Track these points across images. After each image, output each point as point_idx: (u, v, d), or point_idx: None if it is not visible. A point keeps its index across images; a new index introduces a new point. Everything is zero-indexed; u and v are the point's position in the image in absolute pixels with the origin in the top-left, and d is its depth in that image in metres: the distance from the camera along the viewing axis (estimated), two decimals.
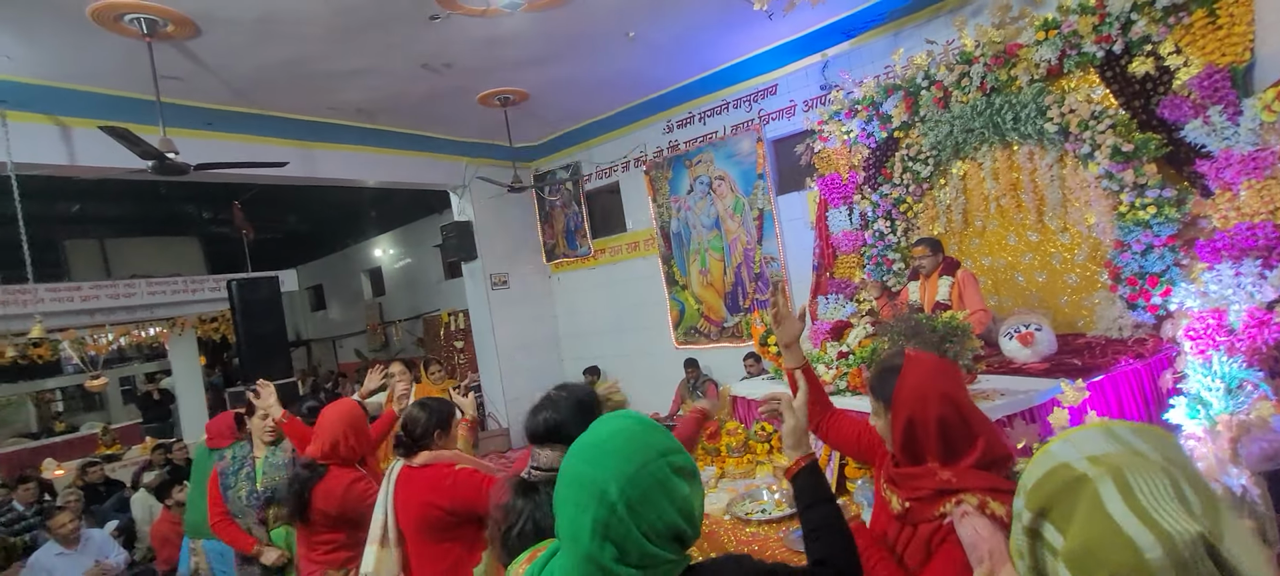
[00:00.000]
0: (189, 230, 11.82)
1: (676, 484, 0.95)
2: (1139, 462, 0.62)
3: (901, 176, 4.61)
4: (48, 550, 4.46)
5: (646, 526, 0.91)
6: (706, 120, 6.36)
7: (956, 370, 1.49)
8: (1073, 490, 0.62)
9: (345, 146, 6.02)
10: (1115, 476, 0.60)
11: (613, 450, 0.95)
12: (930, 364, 1.42)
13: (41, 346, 9.91)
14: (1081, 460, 0.64)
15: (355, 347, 13.70)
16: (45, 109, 4.35)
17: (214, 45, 4.02)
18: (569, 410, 1.55)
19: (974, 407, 1.39)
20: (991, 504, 1.26)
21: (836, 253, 5.11)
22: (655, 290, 7.01)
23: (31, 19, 3.47)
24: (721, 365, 6.41)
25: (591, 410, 1.58)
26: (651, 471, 0.94)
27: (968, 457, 1.32)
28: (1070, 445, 0.66)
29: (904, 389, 1.37)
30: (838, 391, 2.93)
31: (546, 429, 1.56)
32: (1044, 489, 0.65)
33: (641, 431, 0.98)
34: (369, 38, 4.24)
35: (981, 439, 1.33)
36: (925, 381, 1.36)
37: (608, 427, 1.00)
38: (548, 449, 1.57)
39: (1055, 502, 0.63)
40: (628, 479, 0.92)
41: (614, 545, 0.90)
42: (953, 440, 1.33)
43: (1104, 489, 0.60)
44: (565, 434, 1.51)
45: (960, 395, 1.37)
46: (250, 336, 6.39)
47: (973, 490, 1.28)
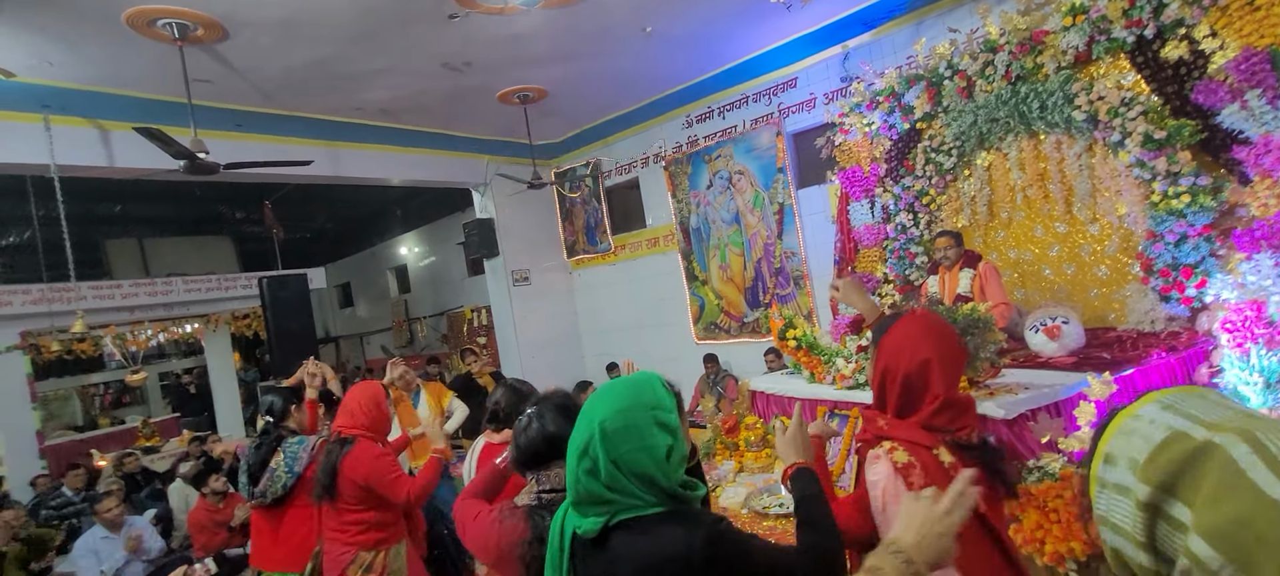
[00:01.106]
0: (222, 230, 12.16)
1: (654, 434, 1.08)
2: (1259, 423, 0.56)
3: (924, 168, 4.53)
4: (93, 533, 4.68)
5: (617, 455, 1.06)
6: (726, 115, 6.33)
7: (948, 337, 1.47)
8: (1200, 460, 0.56)
9: (369, 146, 6.13)
10: (1248, 439, 0.54)
11: (613, 395, 1.13)
12: (922, 324, 1.47)
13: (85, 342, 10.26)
14: (1197, 427, 0.58)
15: (381, 344, 13.94)
16: (85, 112, 4.51)
17: (241, 48, 4.12)
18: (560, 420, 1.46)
19: (944, 375, 1.40)
20: (897, 452, 1.37)
21: (858, 246, 5.05)
22: (675, 286, 7.00)
23: (71, 26, 3.60)
24: (741, 360, 6.39)
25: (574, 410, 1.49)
26: (634, 416, 1.09)
27: (914, 416, 1.41)
28: (1174, 413, 0.60)
29: (888, 339, 1.46)
30: (858, 385, 2.90)
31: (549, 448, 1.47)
32: (1161, 462, 0.57)
33: (641, 385, 1.14)
34: (390, 38, 4.31)
35: (931, 404, 1.39)
36: (907, 338, 1.43)
37: (621, 380, 1.17)
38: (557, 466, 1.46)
39: (1181, 476, 0.56)
40: (614, 413, 1.09)
41: (590, 460, 1.07)
42: (910, 399, 1.41)
43: (1239, 454, 0.54)
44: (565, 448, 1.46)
45: (935, 361, 1.40)
46: (280, 332, 6.55)
47: (897, 439, 1.38)
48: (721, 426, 3.34)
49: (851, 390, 2.89)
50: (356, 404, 2.58)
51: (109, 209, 9.41)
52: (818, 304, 5.82)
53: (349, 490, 2.47)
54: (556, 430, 1.45)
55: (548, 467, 1.47)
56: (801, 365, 3.30)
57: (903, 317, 1.49)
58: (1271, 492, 0.51)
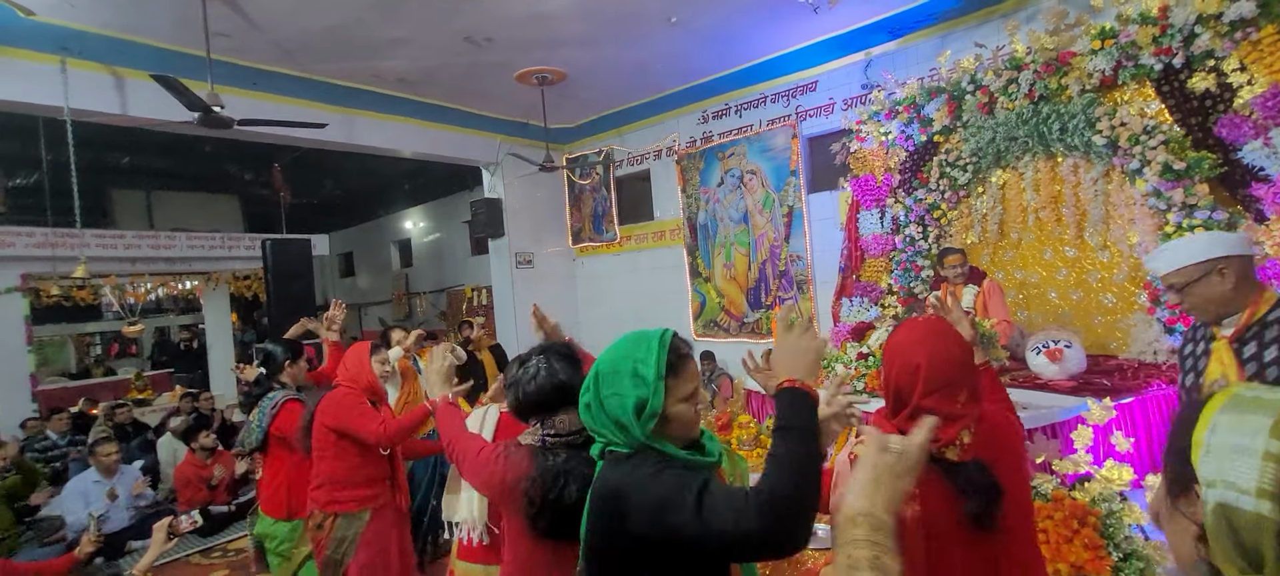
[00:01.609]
0: (230, 188, 12.13)
1: (626, 382, 1.16)
2: None
3: (938, 182, 4.52)
4: (85, 476, 4.70)
5: (601, 396, 1.18)
6: (742, 113, 6.31)
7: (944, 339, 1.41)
8: None
9: (384, 115, 6.11)
10: None
11: (619, 343, 1.24)
12: (919, 331, 1.46)
13: (84, 289, 10.26)
14: None
15: (380, 316, 13.94)
16: (103, 58, 4.49)
17: (264, 4, 4.10)
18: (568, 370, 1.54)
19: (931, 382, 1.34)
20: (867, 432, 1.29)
21: (865, 255, 5.04)
22: (678, 280, 6.99)
23: None
24: (738, 359, 6.37)
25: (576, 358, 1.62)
26: (619, 364, 1.19)
27: (896, 418, 1.41)
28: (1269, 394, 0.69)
29: (889, 343, 1.49)
30: (856, 391, 2.89)
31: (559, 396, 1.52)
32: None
33: (638, 339, 1.22)
34: (413, 6, 4.28)
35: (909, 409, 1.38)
36: (902, 344, 1.44)
37: (635, 331, 1.25)
38: (563, 414, 1.53)
39: None
40: (608, 358, 1.22)
41: (588, 395, 1.21)
42: (896, 399, 1.42)
43: None
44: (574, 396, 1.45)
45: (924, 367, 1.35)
46: (280, 295, 6.55)
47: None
48: (714, 423, 3.33)
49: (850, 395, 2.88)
50: (344, 358, 2.61)
51: (118, 158, 9.38)
52: (820, 310, 5.82)
53: (320, 437, 2.44)
54: (566, 378, 1.52)
55: (554, 414, 1.53)
56: None
57: (902, 323, 1.51)
58: None
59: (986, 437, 1.38)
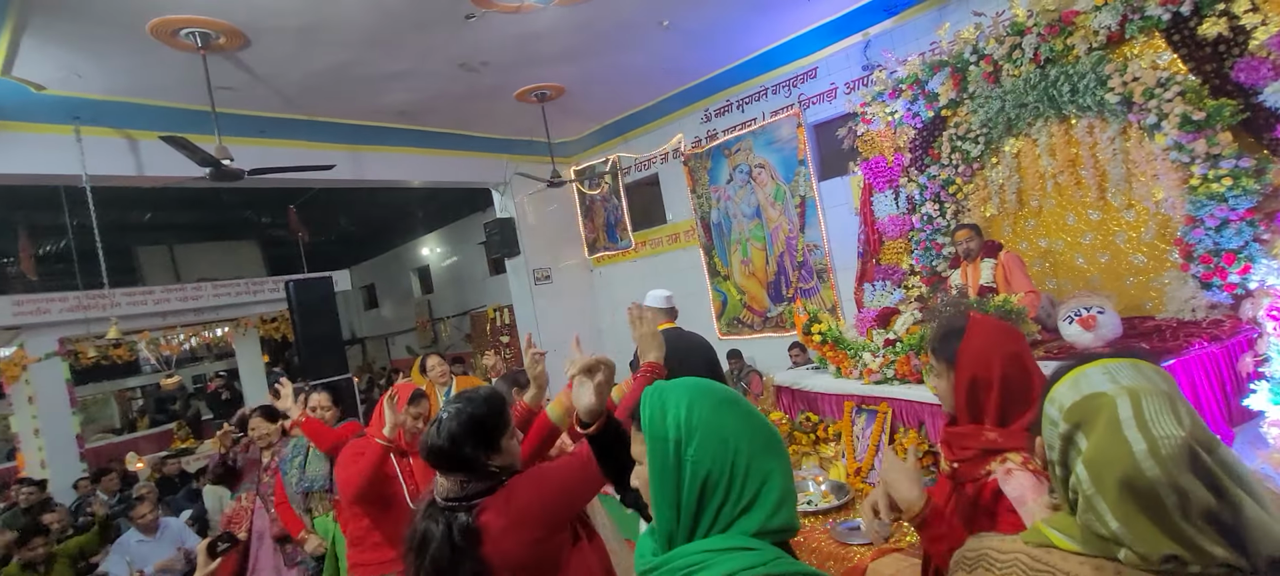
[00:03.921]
0: (249, 234, 12.38)
1: None
2: (1151, 389, 0.78)
3: (950, 157, 4.43)
4: (130, 537, 4.79)
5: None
6: (745, 107, 6.27)
7: (1020, 332, 1.45)
8: (1099, 407, 0.79)
9: (390, 148, 6.18)
10: (1133, 399, 0.77)
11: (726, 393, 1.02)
12: (994, 324, 1.42)
13: (120, 347, 10.55)
14: (1111, 384, 0.80)
15: (406, 344, 14.11)
16: (114, 123, 4.61)
17: (263, 55, 4.17)
18: (461, 432, 1.44)
19: (1037, 368, 1.35)
20: (1035, 459, 1.24)
21: (882, 238, 4.96)
22: (697, 281, 6.96)
23: (98, 38, 3.68)
24: (766, 355, 6.33)
25: (488, 428, 1.46)
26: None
27: (1021, 419, 1.31)
28: (1106, 375, 0.82)
29: (969, 349, 1.37)
30: (886, 379, 2.84)
31: (433, 455, 1.46)
32: (1080, 406, 0.80)
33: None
34: (408, 40, 4.32)
35: (1035, 400, 1.30)
36: (990, 341, 1.36)
37: (705, 382, 1.04)
38: (442, 477, 1.48)
39: (1085, 416, 0.80)
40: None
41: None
42: (1012, 400, 1.33)
43: (1121, 406, 0.77)
44: (462, 457, 1.44)
45: (1025, 355, 1.35)
46: (307, 335, 6.65)
47: (1018, 449, 1.30)
48: None
49: (879, 384, 2.83)
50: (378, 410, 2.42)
51: (140, 216, 9.63)
52: (842, 297, 5.74)
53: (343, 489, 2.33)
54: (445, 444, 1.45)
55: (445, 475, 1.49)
56: (827, 360, 3.25)
57: (969, 325, 1.39)
58: (1128, 435, 0.75)
59: None
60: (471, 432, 1.43)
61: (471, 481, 1.44)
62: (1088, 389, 0.81)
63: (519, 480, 1.48)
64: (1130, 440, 0.74)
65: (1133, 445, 0.74)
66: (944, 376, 1.42)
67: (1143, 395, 0.77)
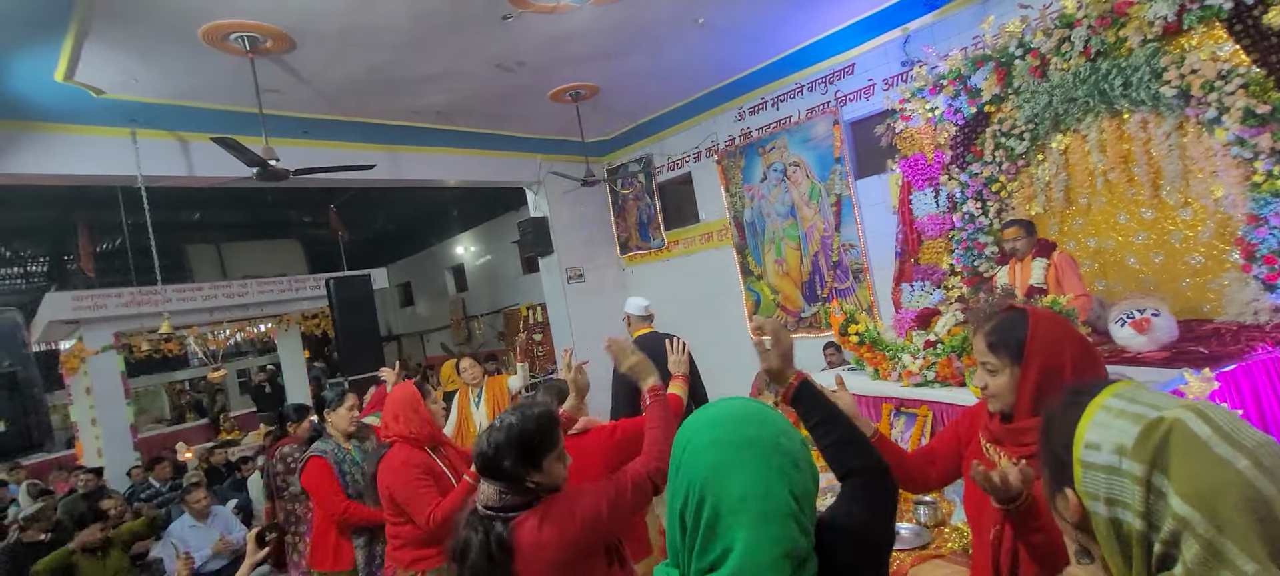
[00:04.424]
0: (292, 233, 12.76)
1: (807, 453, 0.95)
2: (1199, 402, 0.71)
3: (993, 154, 4.30)
4: (182, 522, 4.99)
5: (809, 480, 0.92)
6: (780, 105, 6.20)
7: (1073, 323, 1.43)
8: (1169, 434, 0.68)
9: (427, 148, 6.29)
10: (1196, 413, 0.68)
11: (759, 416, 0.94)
12: (1051, 314, 1.39)
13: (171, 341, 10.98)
14: (1157, 409, 0.71)
15: (441, 341, 14.36)
16: (167, 125, 4.79)
17: (307, 57, 4.28)
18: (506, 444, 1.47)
19: (1098, 353, 1.33)
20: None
21: (921, 237, 4.85)
22: (730, 281, 6.91)
23: (153, 43, 3.82)
24: (800, 356, 6.17)
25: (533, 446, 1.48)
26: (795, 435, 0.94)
27: None
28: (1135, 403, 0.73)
29: (1038, 337, 1.32)
30: (926, 382, 2.77)
31: (479, 462, 1.51)
32: (1146, 441, 0.69)
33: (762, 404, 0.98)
34: (446, 41, 4.39)
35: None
36: (1059, 329, 1.33)
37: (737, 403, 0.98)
38: (485, 483, 1.52)
39: (1158, 450, 0.68)
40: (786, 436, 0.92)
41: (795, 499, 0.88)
42: None
43: (1193, 425, 0.67)
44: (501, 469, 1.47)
45: (1087, 340, 1.35)
46: (346, 331, 6.81)
47: None
48: None
49: (919, 387, 2.77)
50: (393, 409, 2.42)
51: (190, 215, 10.02)
52: (879, 297, 5.63)
53: (385, 501, 2.32)
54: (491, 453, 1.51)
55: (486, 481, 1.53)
56: (865, 361, 3.19)
57: (1031, 315, 1.34)
58: (1226, 457, 0.64)
59: None
60: (515, 446, 1.46)
61: (510, 494, 1.47)
62: (1141, 418, 0.71)
63: (554, 499, 1.50)
64: (1227, 458, 0.64)
65: (1233, 463, 0.64)
66: (1004, 370, 1.36)
67: (1202, 408, 0.69)
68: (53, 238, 9.73)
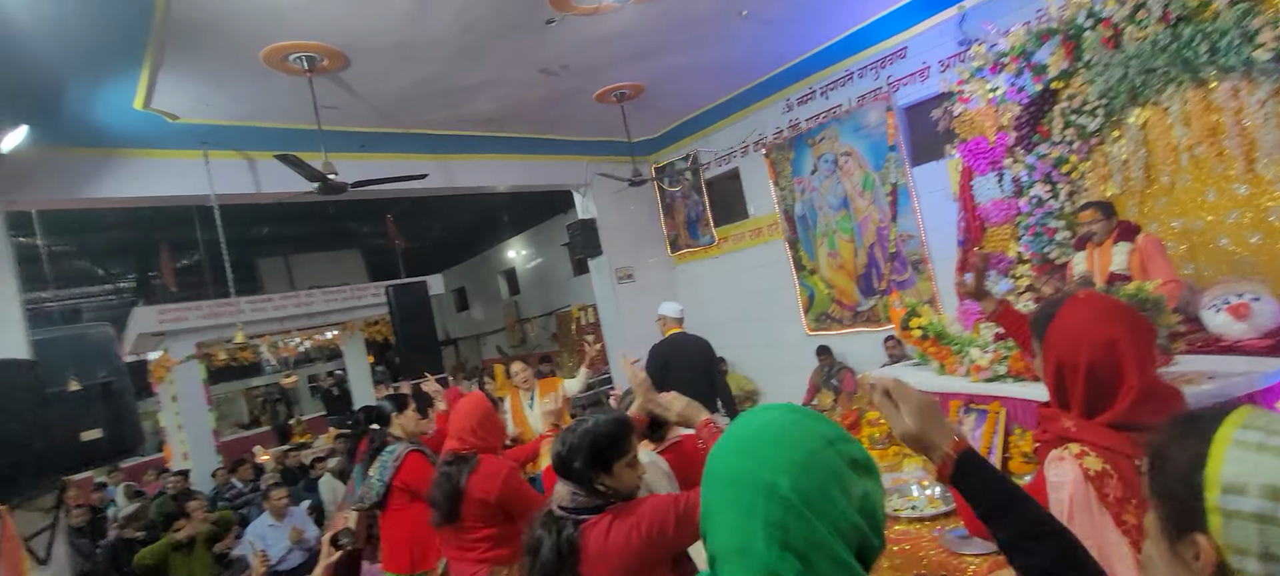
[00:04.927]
0: (353, 243, 13.25)
1: (852, 478, 0.77)
2: None
3: (1063, 133, 4.05)
4: (262, 521, 5.26)
5: (831, 527, 0.73)
6: (829, 94, 6.02)
7: (1132, 317, 1.24)
8: None
9: (476, 155, 6.41)
10: None
11: (772, 438, 0.78)
12: (1095, 306, 1.27)
13: (246, 350, 11.59)
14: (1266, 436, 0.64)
15: (496, 344, 14.65)
16: (235, 145, 5.04)
17: (361, 73, 4.42)
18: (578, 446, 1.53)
19: (1136, 358, 1.17)
20: (1088, 458, 1.15)
21: (985, 225, 4.62)
22: (782, 276, 6.78)
23: (220, 68, 4.03)
24: (858, 351, 6.07)
25: (603, 451, 1.52)
26: (824, 461, 0.76)
27: (1105, 414, 1.19)
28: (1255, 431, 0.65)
29: (1058, 329, 1.26)
30: (997, 376, 2.63)
31: (554, 461, 1.56)
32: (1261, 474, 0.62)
33: (802, 418, 0.81)
34: (491, 50, 4.45)
35: (1127, 397, 1.16)
36: (1081, 323, 1.23)
37: (760, 418, 0.83)
38: (561, 484, 1.57)
39: None
40: (798, 468, 0.74)
41: (796, 555, 0.72)
42: (1098, 393, 1.19)
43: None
44: (572, 470, 1.52)
45: (1121, 343, 1.18)
46: (406, 336, 7.01)
47: (1088, 443, 1.17)
48: (842, 423, 3.15)
49: (990, 382, 2.62)
50: (468, 421, 2.43)
51: (259, 230, 10.52)
52: (941, 289, 5.41)
53: (476, 510, 2.34)
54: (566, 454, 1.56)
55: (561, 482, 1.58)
56: (929, 356, 3.05)
57: (1068, 301, 1.28)
58: None
59: None
60: (586, 450, 1.51)
61: (581, 495, 1.52)
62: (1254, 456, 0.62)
63: (624, 506, 1.52)
64: None
65: None
66: (1038, 354, 1.33)
67: None
68: (138, 256, 10.41)
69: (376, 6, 3.65)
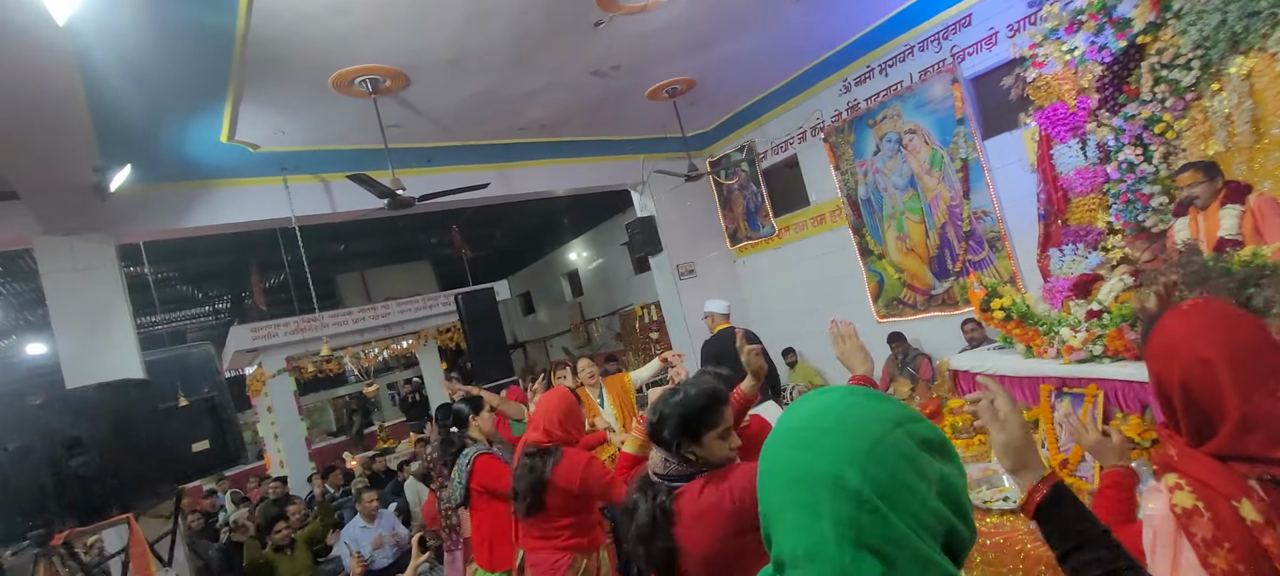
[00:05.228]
0: (422, 255, 13.78)
1: (928, 460, 0.68)
2: None
3: (1153, 90, 3.73)
4: (354, 523, 5.56)
5: (911, 519, 0.65)
6: (888, 71, 5.79)
7: (1235, 331, 1.07)
8: None
9: (534, 161, 6.53)
10: None
11: (831, 425, 0.70)
12: (1196, 320, 1.10)
13: (330, 362, 12.25)
14: None
15: (562, 346, 14.91)
16: (311, 169, 5.33)
17: (422, 91, 4.58)
18: (669, 415, 1.56)
19: (1238, 381, 1.01)
20: (1179, 493, 1.03)
21: (1068, 195, 4.32)
22: (848, 263, 6.57)
23: (293, 97, 4.27)
24: (933, 336, 5.81)
25: (692, 421, 1.54)
26: (893, 444, 0.67)
27: (1208, 443, 1.05)
28: None
29: (1154, 342, 1.13)
30: (1092, 357, 2.45)
31: (647, 429, 1.62)
32: None
33: (862, 399, 0.73)
34: (543, 56, 4.52)
35: (1227, 427, 1.02)
36: (1178, 339, 1.09)
37: (814, 403, 0.75)
38: (655, 450, 1.62)
39: None
40: (865, 456, 0.66)
41: (874, 554, 0.64)
42: (1199, 418, 1.06)
43: None
44: (662, 438, 1.56)
45: (1220, 363, 1.03)
46: (476, 342, 7.23)
47: (1186, 476, 1.05)
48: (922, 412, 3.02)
49: (1083, 363, 2.45)
50: (554, 414, 2.52)
51: (336, 247, 11.09)
52: (1021, 266, 5.11)
53: (559, 500, 2.43)
54: (656, 422, 1.63)
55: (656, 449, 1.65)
56: (1013, 338, 2.88)
57: (1170, 310, 1.15)
58: None
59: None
60: (675, 419, 1.55)
61: (672, 463, 1.56)
62: None
63: (714, 474, 1.55)
64: None
65: None
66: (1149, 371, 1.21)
67: None
68: (231, 278, 11.18)
69: (431, 25, 3.78)
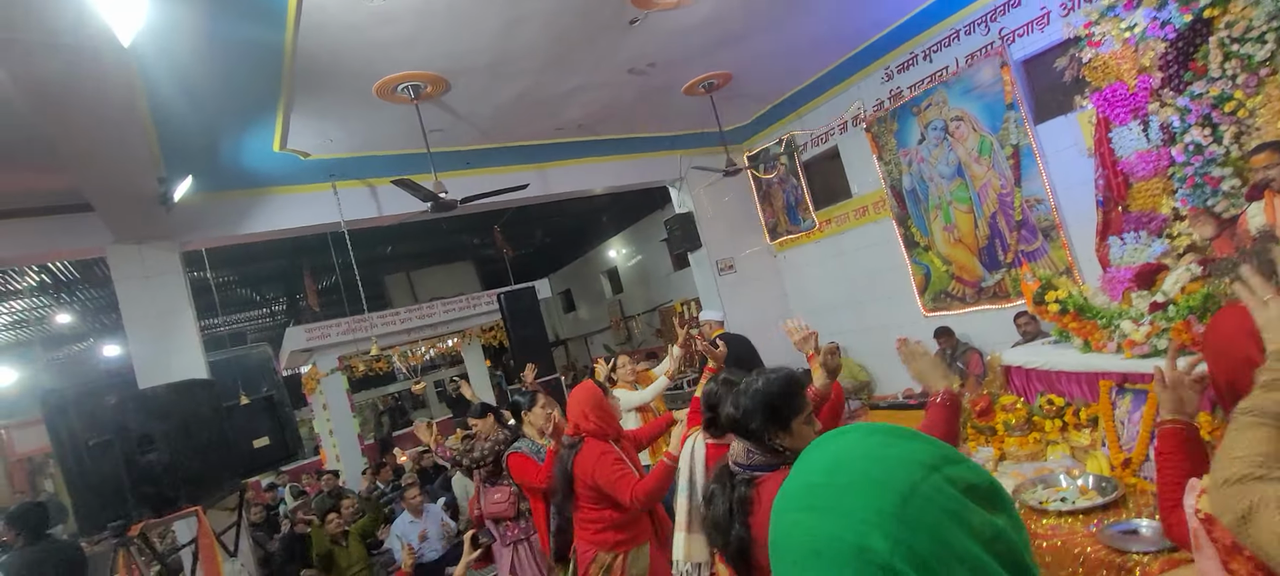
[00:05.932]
0: (466, 255, 14.07)
1: (978, 514, 0.54)
2: None
3: (1223, 67, 3.51)
4: (403, 518, 5.73)
5: None
6: (933, 56, 5.61)
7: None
8: None
9: (572, 161, 6.59)
10: None
11: (852, 479, 0.56)
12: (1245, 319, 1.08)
13: (380, 361, 12.63)
14: None
15: (603, 343, 15.00)
16: (358, 175, 5.50)
17: (462, 95, 4.67)
18: (753, 408, 1.53)
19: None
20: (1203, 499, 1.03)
21: (1129, 180, 4.10)
22: (893, 256, 6.41)
23: (340, 106, 4.41)
24: (983, 330, 5.62)
25: (778, 408, 1.51)
26: (929, 496, 0.53)
27: None
28: None
29: (1207, 338, 1.18)
30: (1156, 352, 2.33)
31: (728, 422, 1.58)
32: None
33: (887, 439, 0.59)
34: (579, 56, 4.54)
35: None
36: (1227, 337, 1.09)
37: (829, 450, 0.61)
38: (736, 441, 1.59)
39: None
40: (895, 518, 0.52)
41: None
42: None
43: None
44: (749, 431, 1.54)
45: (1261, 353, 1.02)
46: (519, 340, 7.35)
47: None
48: (972, 409, 2.93)
49: (1148, 358, 2.33)
50: (581, 407, 2.59)
51: (383, 250, 11.42)
52: (1078, 256, 4.89)
53: (583, 491, 2.53)
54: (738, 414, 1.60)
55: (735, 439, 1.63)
56: (1070, 332, 2.76)
57: (1224, 307, 1.13)
58: None
59: None
60: (760, 408, 1.53)
61: (756, 453, 1.54)
62: None
63: None
64: None
65: None
66: None
67: None
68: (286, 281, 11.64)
69: (470, 29, 3.84)
